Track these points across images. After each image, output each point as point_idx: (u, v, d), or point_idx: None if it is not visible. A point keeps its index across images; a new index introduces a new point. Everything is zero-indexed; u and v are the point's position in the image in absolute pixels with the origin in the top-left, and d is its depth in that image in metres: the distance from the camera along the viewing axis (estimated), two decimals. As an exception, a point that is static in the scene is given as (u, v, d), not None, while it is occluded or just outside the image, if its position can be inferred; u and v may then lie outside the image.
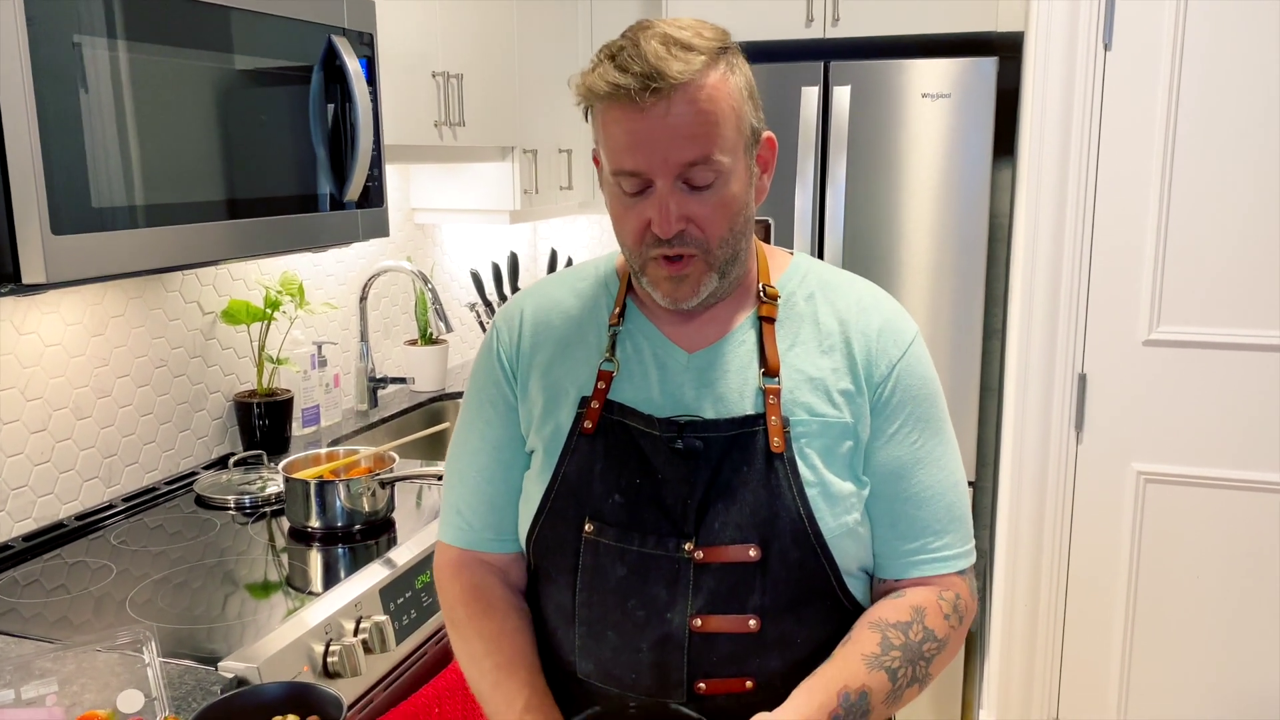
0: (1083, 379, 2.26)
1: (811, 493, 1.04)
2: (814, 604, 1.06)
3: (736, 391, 1.07)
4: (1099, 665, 2.32)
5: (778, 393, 1.06)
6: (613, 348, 1.11)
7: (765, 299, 1.11)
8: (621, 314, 1.13)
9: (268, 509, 2.02)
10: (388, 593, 1.67)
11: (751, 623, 1.03)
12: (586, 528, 1.07)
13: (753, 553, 1.03)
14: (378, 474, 1.90)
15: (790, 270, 1.15)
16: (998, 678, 2.42)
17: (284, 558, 1.81)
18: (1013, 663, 2.39)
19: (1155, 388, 2.21)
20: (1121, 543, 2.27)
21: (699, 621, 1.03)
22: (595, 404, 1.09)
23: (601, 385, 1.10)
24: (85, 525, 1.90)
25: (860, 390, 1.07)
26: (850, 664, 1.02)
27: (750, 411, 1.06)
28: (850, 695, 1.00)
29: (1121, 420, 2.24)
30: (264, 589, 1.68)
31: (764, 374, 1.07)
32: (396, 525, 1.94)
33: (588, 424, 1.09)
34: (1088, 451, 2.28)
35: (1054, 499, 2.30)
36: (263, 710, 1.16)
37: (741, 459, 1.05)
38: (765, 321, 1.10)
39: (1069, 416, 2.28)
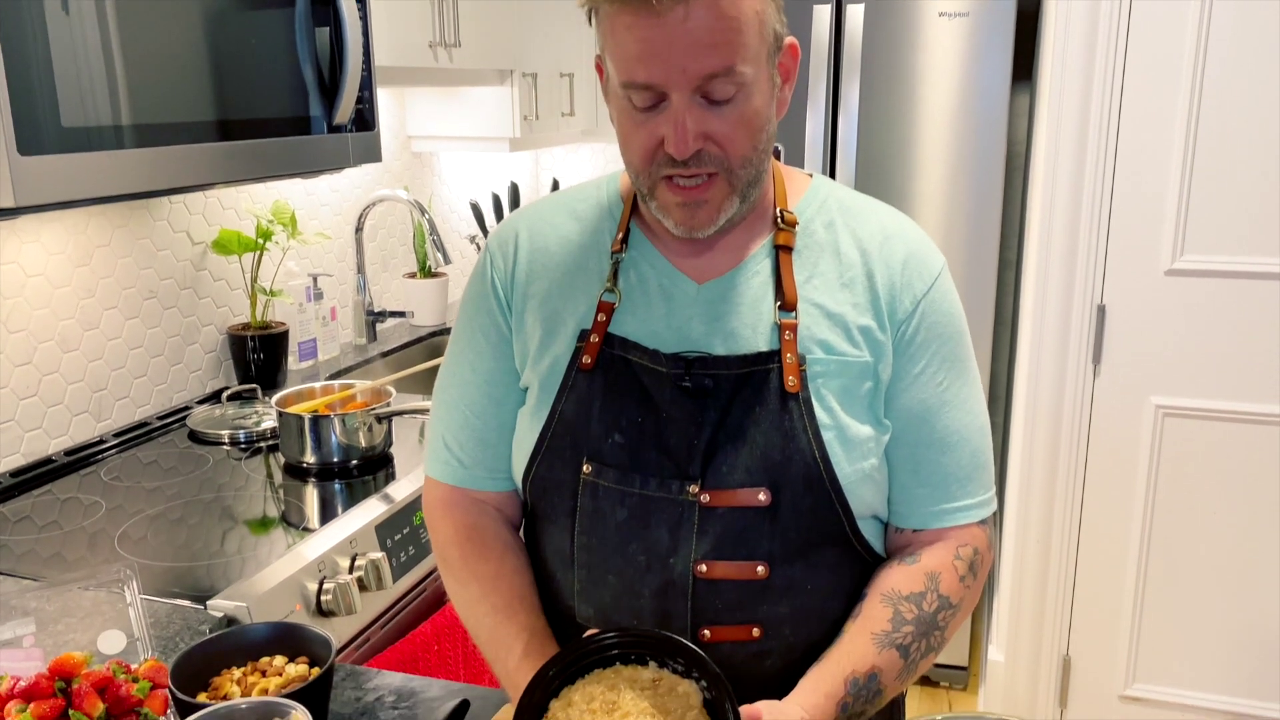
0: (1102, 310, 2.19)
1: (827, 436, 0.98)
2: (825, 550, 1.00)
3: (749, 326, 1.00)
4: (1111, 602, 2.29)
5: (794, 328, 0.99)
6: (614, 277, 1.04)
7: (783, 226, 1.03)
8: (625, 240, 1.05)
9: (263, 444, 1.97)
10: (384, 529, 1.63)
11: (760, 569, 0.98)
12: (584, 468, 1.01)
13: (763, 497, 0.97)
14: (374, 408, 1.85)
15: (809, 194, 1.06)
16: (1008, 614, 2.39)
17: (279, 494, 1.76)
18: (1023, 599, 2.36)
19: (1177, 319, 2.14)
20: (1137, 478, 2.21)
21: (704, 567, 0.98)
22: (594, 337, 1.03)
23: (602, 317, 1.03)
24: (76, 461, 1.86)
25: (883, 327, 1.00)
26: (859, 645, 0.97)
27: (764, 348, 0.99)
28: (859, 680, 0.95)
29: (1141, 353, 2.18)
30: (258, 525, 1.64)
31: (780, 308, 1.00)
32: (395, 461, 1.89)
33: (586, 359, 1.02)
34: (1105, 385, 2.21)
35: (1069, 433, 2.25)
36: (249, 651, 1.12)
37: (753, 399, 0.98)
38: (782, 250, 1.02)
39: (1087, 349, 2.21)
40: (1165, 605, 2.25)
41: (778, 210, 1.04)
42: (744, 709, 0.85)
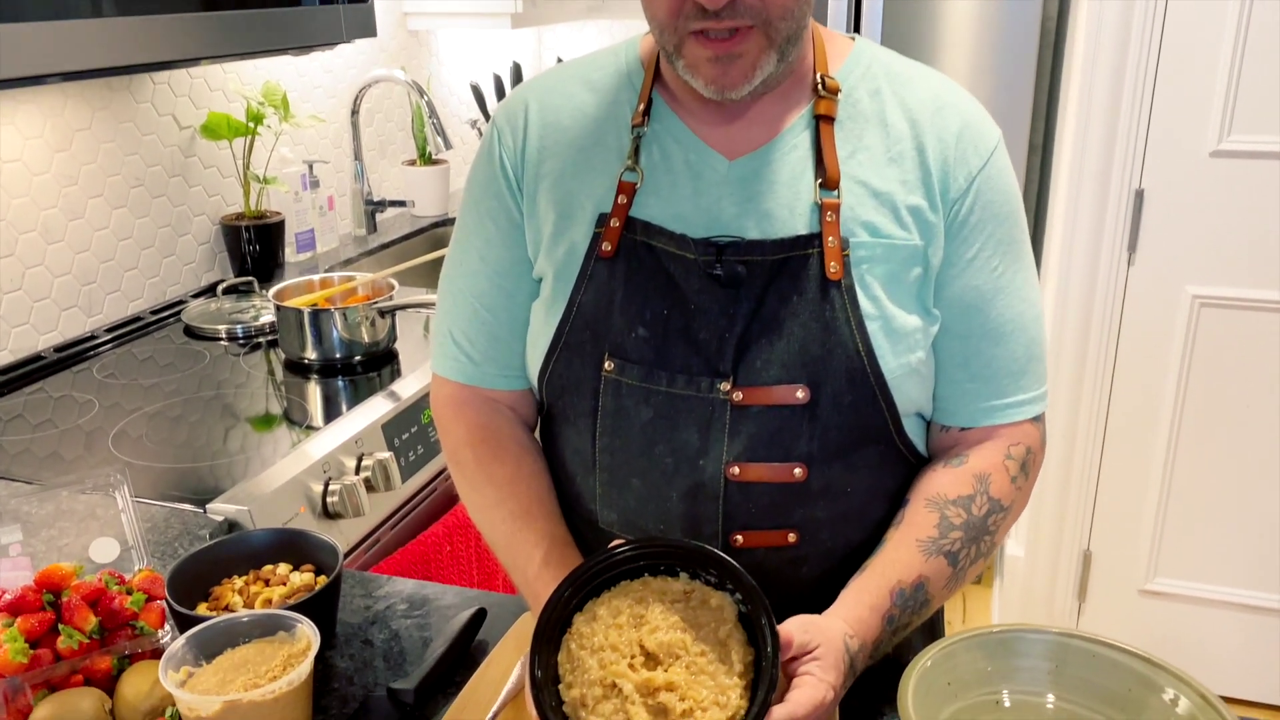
0: (1139, 195, 2.08)
1: (872, 327, 0.89)
2: (867, 450, 0.93)
3: (786, 207, 0.90)
4: (1135, 495, 2.24)
5: (836, 208, 0.89)
6: (636, 154, 0.93)
7: (823, 93, 0.92)
8: (647, 112, 0.94)
9: (262, 339, 1.90)
10: (391, 428, 1.56)
11: (797, 471, 0.91)
12: (606, 365, 0.93)
13: (801, 394, 0.89)
14: (376, 302, 1.76)
15: (852, 59, 0.95)
16: (1028, 509, 2.34)
17: (280, 391, 1.69)
18: (1045, 493, 2.31)
19: (1219, 204, 2.03)
20: (1169, 370, 2.14)
21: (736, 470, 0.91)
22: (615, 222, 0.93)
23: (622, 199, 0.93)
24: (67, 357, 1.78)
25: (934, 207, 0.91)
26: (904, 553, 0.90)
27: (803, 231, 0.90)
28: (905, 591, 0.88)
29: (1179, 240, 2.07)
30: (259, 424, 1.57)
31: (820, 185, 0.90)
32: (400, 357, 1.82)
33: (606, 246, 0.93)
34: (1139, 274, 2.12)
35: (1100, 324, 2.16)
36: (250, 560, 1.06)
37: (791, 287, 0.89)
38: (823, 121, 0.91)
39: (1122, 236, 2.10)
40: (1191, 499, 2.19)
41: (818, 76, 0.93)
42: (780, 629, 0.79)
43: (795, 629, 0.80)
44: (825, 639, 0.81)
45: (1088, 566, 2.32)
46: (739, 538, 0.92)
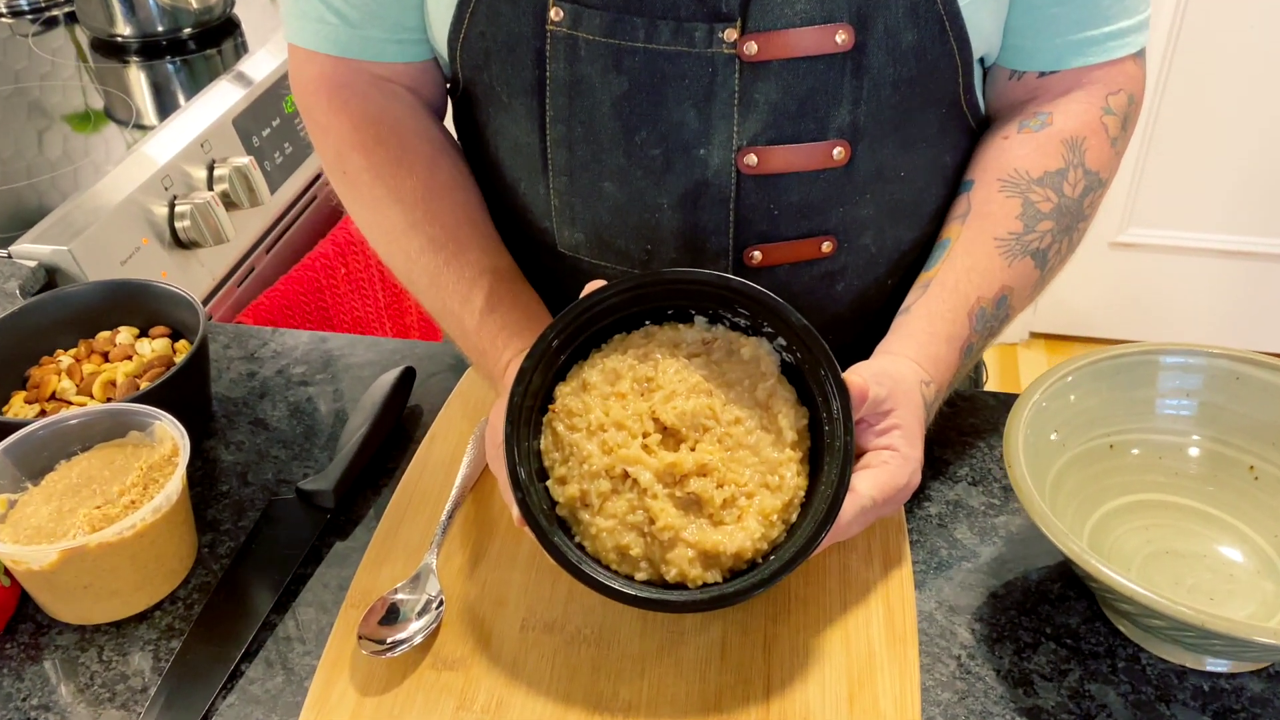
0: None
1: (940, -74, 0.60)
2: (927, 117, 0.67)
3: None
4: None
5: None
6: None
7: None
8: None
9: (57, 11, 1.47)
10: (245, 123, 1.22)
11: (836, 151, 0.64)
12: (552, 14, 0.62)
13: (841, 37, 0.61)
14: (198, -47, 1.34)
15: None
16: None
17: (86, 81, 1.31)
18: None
19: None
20: (1159, 22, 1.85)
21: (752, 158, 0.64)
22: None
23: None
24: None
25: None
26: (980, 258, 0.66)
27: None
28: (986, 310, 0.65)
29: None
30: (73, 126, 1.22)
31: None
32: (243, 26, 1.43)
33: None
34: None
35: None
36: (79, 325, 0.78)
37: None
38: None
39: None
40: (1173, 143, 1.99)
41: None
42: (845, 377, 0.56)
43: (868, 378, 0.57)
44: (902, 392, 0.59)
45: (1048, 222, 2.16)
46: (756, 254, 0.68)
